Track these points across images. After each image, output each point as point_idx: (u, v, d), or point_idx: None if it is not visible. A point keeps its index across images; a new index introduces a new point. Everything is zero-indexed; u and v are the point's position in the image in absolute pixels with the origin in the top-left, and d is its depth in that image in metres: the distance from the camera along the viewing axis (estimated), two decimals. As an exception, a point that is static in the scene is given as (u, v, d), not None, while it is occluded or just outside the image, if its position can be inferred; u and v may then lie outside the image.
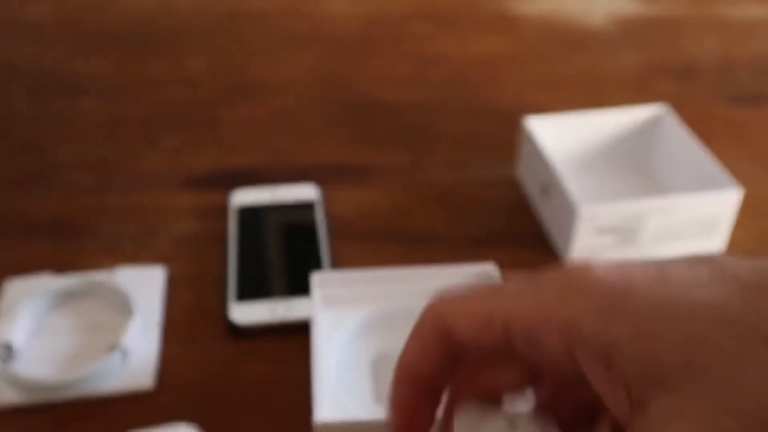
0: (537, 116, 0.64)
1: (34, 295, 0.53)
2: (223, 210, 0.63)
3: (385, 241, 0.61)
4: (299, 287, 0.55)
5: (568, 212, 0.56)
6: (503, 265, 0.51)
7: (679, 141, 0.64)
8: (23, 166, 0.69)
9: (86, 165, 0.69)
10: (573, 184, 0.57)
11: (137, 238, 0.61)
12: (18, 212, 0.63)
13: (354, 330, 0.47)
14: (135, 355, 0.50)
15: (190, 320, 0.54)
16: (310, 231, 0.60)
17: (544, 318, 0.25)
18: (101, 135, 0.73)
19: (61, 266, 0.57)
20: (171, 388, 0.49)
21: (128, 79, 0.81)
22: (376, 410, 0.42)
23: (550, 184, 0.59)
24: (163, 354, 0.51)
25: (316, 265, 0.57)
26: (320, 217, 0.61)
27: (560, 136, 0.64)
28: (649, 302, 0.23)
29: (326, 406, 0.41)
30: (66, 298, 0.54)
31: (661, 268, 0.24)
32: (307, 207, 0.62)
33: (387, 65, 0.85)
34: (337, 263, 0.58)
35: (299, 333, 0.52)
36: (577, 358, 0.24)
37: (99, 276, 0.55)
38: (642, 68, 0.84)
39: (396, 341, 0.44)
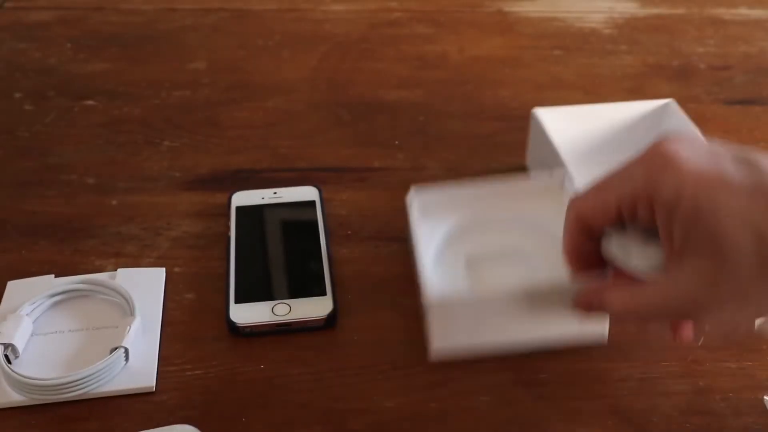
0: (546, 108, 0.65)
1: (35, 296, 0.53)
2: (223, 211, 0.63)
3: (384, 241, 0.61)
4: (299, 288, 0.55)
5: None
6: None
7: (685, 133, 0.64)
8: (25, 167, 0.69)
9: (87, 166, 0.69)
10: (581, 174, 0.58)
11: (138, 239, 0.61)
12: (20, 213, 0.64)
13: (446, 237, 0.57)
14: (136, 356, 0.50)
15: (190, 321, 0.54)
16: (310, 231, 0.60)
17: (640, 198, 0.39)
18: (102, 136, 0.73)
19: (62, 267, 0.58)
20: (172, 388, 0.50)
21: (129, 80, 0.82)
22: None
23: (560, 174, 0.60)
24: (164, 354, 0.52)
25: (316, 265, 0.57)
26: (320, 218, 0.62)
27: (568, 128, 0.65)
28: (701, 202, 0.36)
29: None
30: (67, 300, 0.55)
31: (722, 172, 0.36)
32: (307, 207, 0.63)
33: (387, 66, 0.85)
34: (338, 264, 0.58)
35: (299, 333, 0.53)
36: (657, 221, 0.38)
37: (100, 277, 0.56)
38: (639, 69, 0.84)
39: (483, 245, 0.57)
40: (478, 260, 0.55)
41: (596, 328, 0.51)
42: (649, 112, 0.67)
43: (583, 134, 0.67)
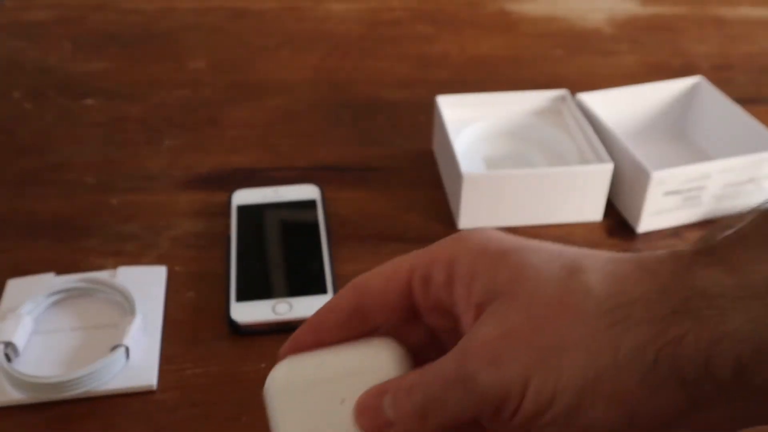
0: (588, 92, 0.69)
1: (36, 294, 0.53)
2: (224, 210, 0.63)
3: (384, 241, 0.61)
4: (300, 286, 0.55)
5: (638, 178, 0.60)
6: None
7: (720, 107, 0.68)
8: (25, 166, 0.69)
9: (88, 165, 0.69)
10: (626, 152, 0.62)
11: (139, 238, 0.61)
12: (20, 212, 0.64)
13: (470, 139, 0.67)
14: (136, 354, 0.50)
15: (191, 319, 0.54)
16: (310, 231, 0.60)
17: (437, 259, 0.32)
18: (103, 135, 0.73)
19: (62, 266, 0.57)
20: (172, 386, 0.49)
21: (129, 79, 0.81)
22: None
23: (614, 154, 0.62)
24: (165, 353, 0.51)
25: (316, 265, 0.57)
26: (320, 217, 0.61)
27: (603, 110, 0.67)
28: (508, 245, 0.31)
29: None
30: (68, 298, 0.54)
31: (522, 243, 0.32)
32: (307, 207, 0.63)
33: (387, 65, 0.85)
34: (338, 263, 0.58)
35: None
36: (453, 285, 0.31)
37: (101, 276, 0.56)
38: (640, 69, 0.84)
39: (499, 147, 0.68)
40: (495, 161, 0.66)
41: None
42: (683, 89, 0.71)
43: (616, 116, 0.69)
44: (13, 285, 0.55)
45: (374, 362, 0.32)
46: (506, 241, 0.31)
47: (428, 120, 0.73)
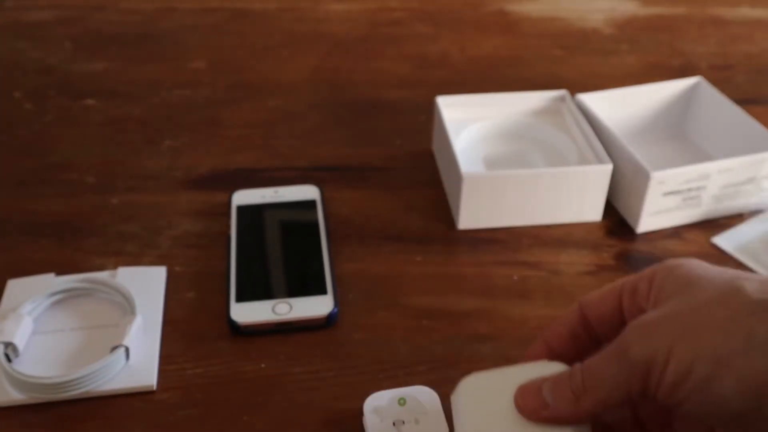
0: (588, 92, 0.69)
1: (36, 294, 0.53)
2: (224, 210, 0.63)
3: (384, 241, 0.61)
4: (300, 287, 0.55)
5: (638, 178, 0.60)
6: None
7: (719, 108, 0.68)
8: (25, 166, 0.69)
9: (88, 165, 0.69)
10: (625, 153, 0.62)
11: (139, 238, 0.61)
12: (20, 212, 0.64)
13: (470, 139, 0.67)
14: (136, 354, 0.50)
15: (191, 319, 0.54)
16: (310, 231, 0.60)
17: (643, 276, 0.38)
18: (103, 135, 0.73)
19: (63, 266, 0.57)
20: (172, 386, 0.50)
21: (129, 79, 0.82)
22: None
23: (614, 154, 0.62)
24: (165, 353, 0.52)
25: (316, 265, 0.57)
26: (320, 217, 0.61)
27: (602, 110, 0.67)
28: (698, 269, 0.37)
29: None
30: (68, 298, 0.54)
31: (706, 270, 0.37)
32: (307, 207, 0.63)
33: (387, 65, 0.85)
34: (338, 263, 0.58)
35: (300, 332, 0.53)
36: (650, 295, 0.37)
37: (101, 276, 0.56)
38: (640, 69, 0.84)
39: (498, 147, 0.68)
40: (494, 160, 0.66)
41: None
42: (681, 90, 0.71)
43: (615, 116, 0.69)
44: (13, 285, 0.55)
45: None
46: (697, 264, 0.37)
47: (428, 120, 0.73)
